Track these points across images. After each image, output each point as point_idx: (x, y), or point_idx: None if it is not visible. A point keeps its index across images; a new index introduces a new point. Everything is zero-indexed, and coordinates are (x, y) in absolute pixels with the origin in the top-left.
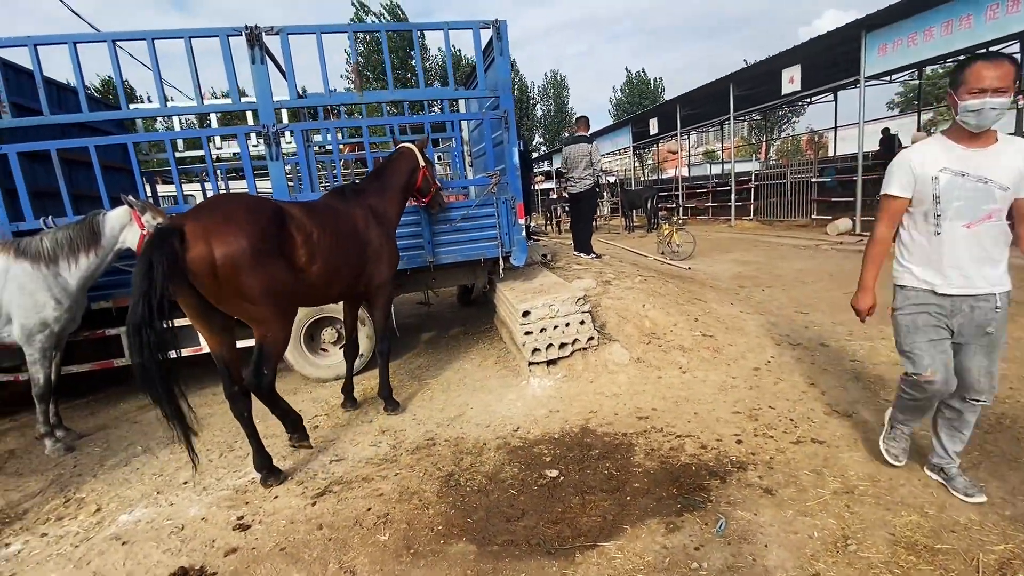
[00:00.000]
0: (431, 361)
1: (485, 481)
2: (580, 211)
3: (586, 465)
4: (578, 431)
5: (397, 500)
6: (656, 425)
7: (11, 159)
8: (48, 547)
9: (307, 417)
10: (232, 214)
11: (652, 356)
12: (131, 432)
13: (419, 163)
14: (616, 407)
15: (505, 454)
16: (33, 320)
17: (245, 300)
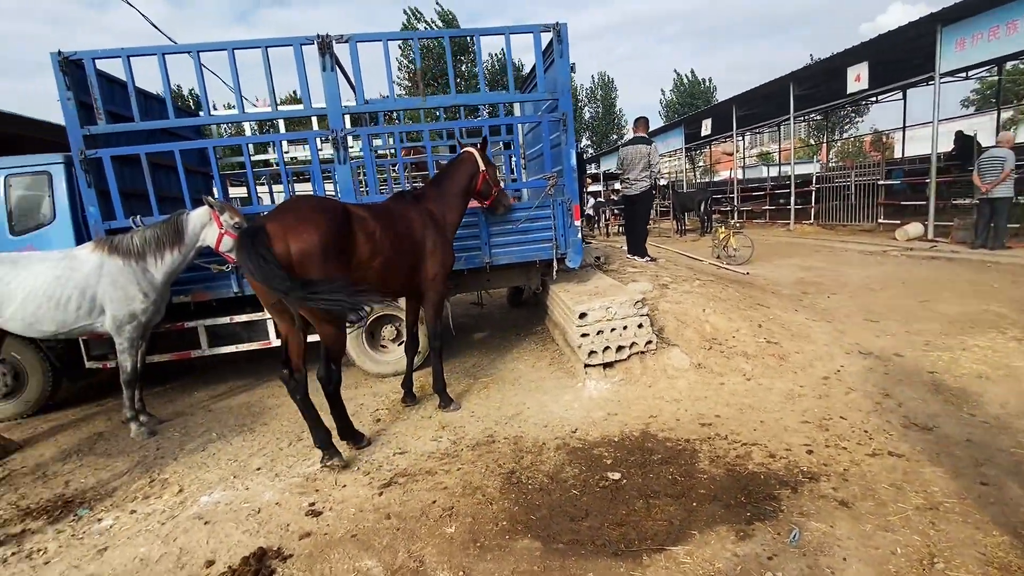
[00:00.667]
0: (485, 360)
1: (546, 480)
2: (636, 213)
3: (649, 469)
4: (638, 435)
5: (461, 494)
6: (720, 432)
7: (105, 162)
8: (137, 523)
9: (369, 410)
10: (306, 214)
11: (714, 362)
12: (206, 419)
13: (479, 167)
14: (677, 413)
15: (565, 454)
16: (123, 311)
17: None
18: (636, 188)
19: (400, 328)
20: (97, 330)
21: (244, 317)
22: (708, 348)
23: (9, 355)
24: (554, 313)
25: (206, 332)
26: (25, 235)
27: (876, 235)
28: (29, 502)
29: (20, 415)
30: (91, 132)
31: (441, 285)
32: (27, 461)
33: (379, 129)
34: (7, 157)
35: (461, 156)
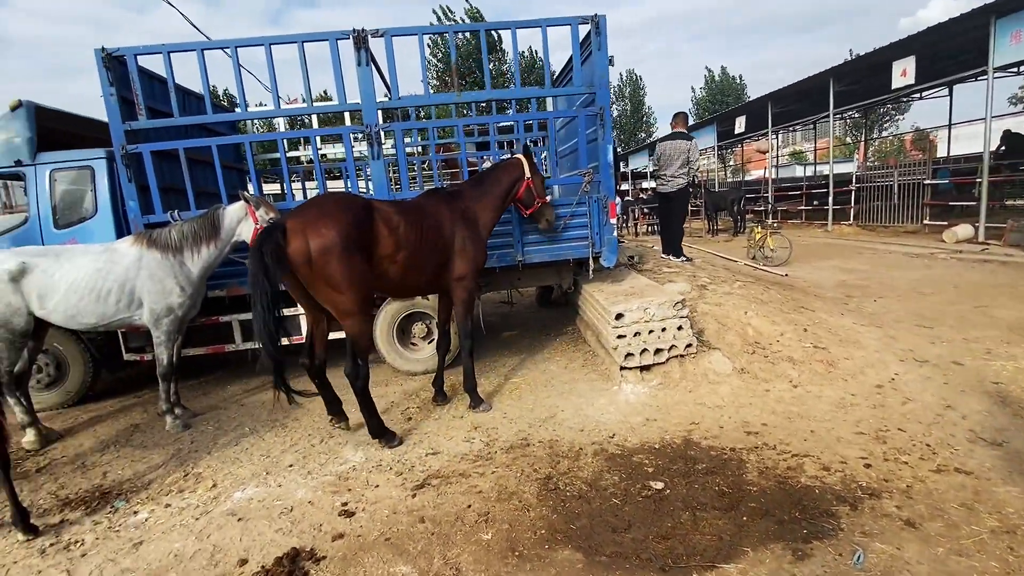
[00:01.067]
0: (516, 361)
1: (585, 487)
2: (672, 212)
3: (693, 479)
4: (680, 443)
5: (496, 499)
6: (768, 442)
7: (145, 157)
8: (172, 517)
9: (400, 408)
10: (326, 211)
11: (757, 367)
12: (239, 413)
13: (524, 174)
14: (720, 420)
15: (603, 461)
16: (161, 305)
17: (332, 288)
18: (673, 185)
19: (430, 326)
20: (135, 323)
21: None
22: (751, 352)
23: (52, 346)
24: (587, 313)
25: (240, 327)
26: (68, 228)
27: (921, 237)
28: (68, 492)
29: (61, 405)
30: (132, 127)
31: (471, 283)
32: (67, 451)
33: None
34: (53, 152)
35: (508, 161)
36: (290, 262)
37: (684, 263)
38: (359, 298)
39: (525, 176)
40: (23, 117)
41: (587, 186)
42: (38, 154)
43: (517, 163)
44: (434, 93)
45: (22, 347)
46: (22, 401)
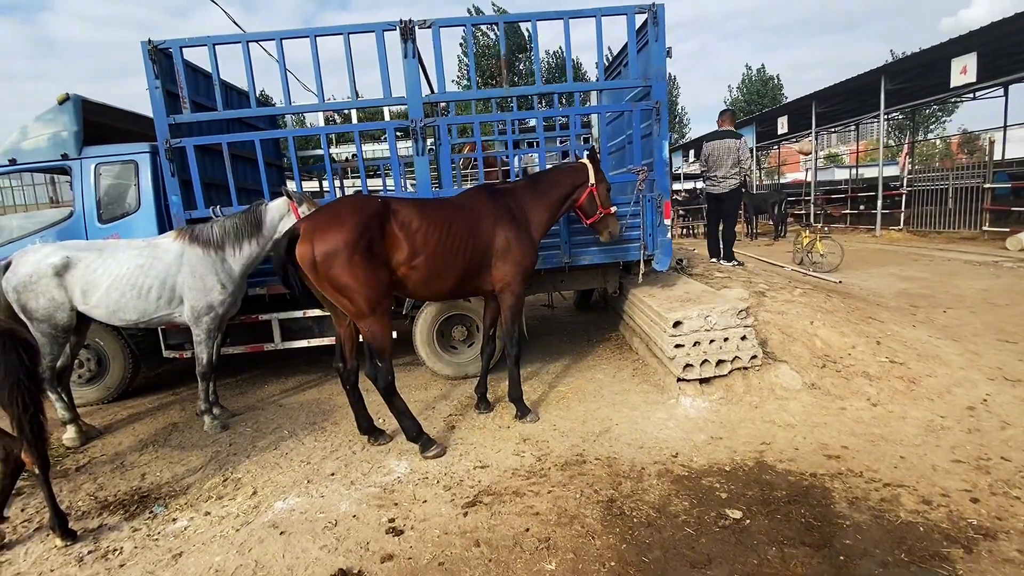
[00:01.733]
0: (559, 367)
1: (653, 513)
2: (723, 214)
3: (774, 509)
4: (753, 465)
5: (556, 523)
6: (852, 467)
7: (188, 151)
8: (211, 527)
9: (442, 415)
10: (336, 214)
11: (830, 383)
12: (277, 415)
13: (588, 180)
14: (794, 440)
15: (669, 483)
16: (202, 302)
17: (340, 292)
18: (725, 186)
19: (472, 329)
20: (176, 320)
21: (316, 312)
22: (821, 366)
23: (93, 341)
24: (635, 319)
25: (279, 326)
26: (112, 223)
27: (980, 243)
28: (107, 494)
29: (100, 400)
30: (176, 121)
31: (518, 287)
32: (106, 449)
33: (459, 119)
34: (98, 146)
35: (571, 163)
36: (300, 266)
37: (736, 267)
38: (369, 301)
39: (589, 182)
40: (71, 111)
41: (642, 184)
42: (84, 148)
43: (581, 167)
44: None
45: (64, 342)
46: (63, 397)
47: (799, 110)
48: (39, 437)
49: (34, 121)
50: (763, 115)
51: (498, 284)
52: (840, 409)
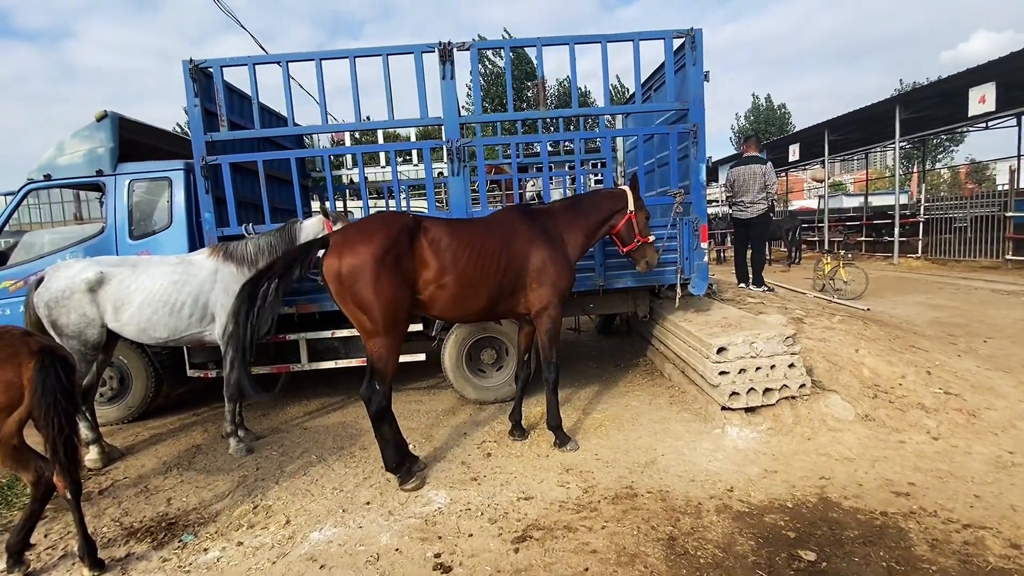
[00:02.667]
0: (591, 393)
1: (720, 553)
2: (753, 238)
3: (849, 550)
4: (816, 502)
5: (616, 561)
6: (924, 506)
7: (224, 169)
8: (245, 559)
9: (476, 442)
10: (365, 230)
11: (884, 414)
12: (303, 438)
13: (627, 207)
14: (856, 476)
15: (730, 520)
16: None
17: (358, 307)
18: (753, 211)
19: (501, 352)
20: (206, 339)
21: (344, 332)
22: (873, 396)
23: (116, 358)
24: (670, 345)
25: (307, 345)
26: (143, 240)
27: (1003, 272)
28: (132, 520)
29: (121, 420)
30: (213, 138)
31: (555, 309)
32: (129, 471)
33: (495, 140)
34: (132, 163)
35: (611, 189)
36: (324, 277)
37: (766, 293)
38: (386, 320)
39: (628, 209)
40: (108, 128)
41: (679, 207)
42: (119, 164)
43: (621, 194)
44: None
45: (93, 360)
46: (87, 416)
47: (811, 138)
48: (72, 460)
49: (71, 137)
50: (775, 142)
51: (535, 307)
52: (899, 443)
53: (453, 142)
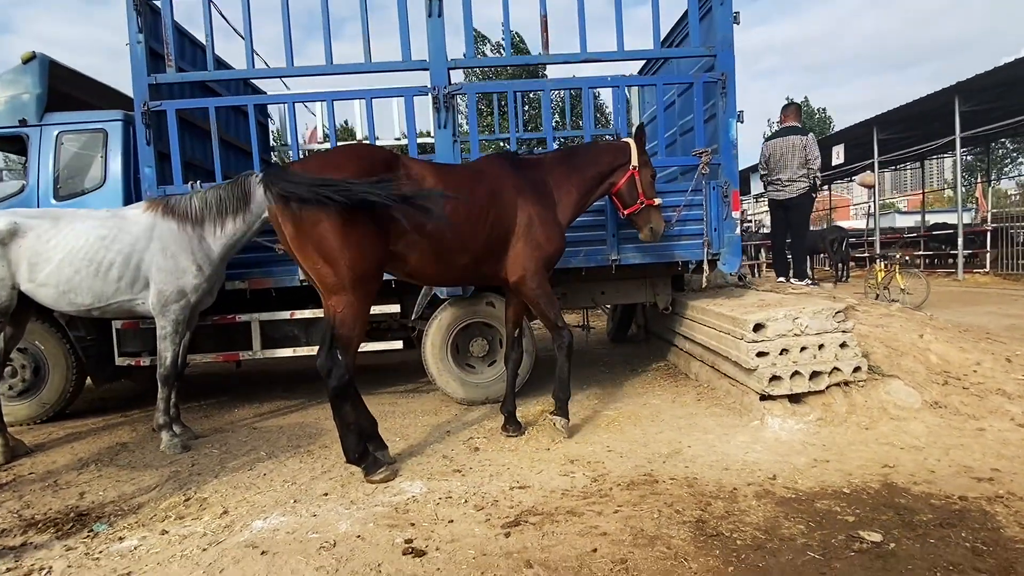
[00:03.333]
0: (601, 393)
1: (760, 535)
2: (791, 223)
3: (923, 533)
4: (879, 487)
5: (632, 543)
6: (1013, 491)
7: (169, 116)
8: (170, 546)
9: (462, 439)
10: (335, 160)
11: (957, 401)
12: (252, 437)
13: (628, 162)
14: (926, 463)
15: (773, 505)
16: (171, 287)
17: (320, 255)
18: (792, 190)
19: (494, 343)
20: (137, 309)
21: (307, 313)
22: (943, 383)
23: (32, 344)
24: (696, 336)
25: (260, 329)
26: (70, 200)
27: None
28: (34, 511)
29: (34, 418)
30: (158, 80)
31: (534, 278)
32: (36, 467)
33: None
34: (62, 113)
35: (612, 142)
36: (278, 216)
37: (810, 287)
38: (354, 273)
39: (631, 164)
40: (35, 72)
41: (705, 168)
42: (46, 114)
43: (623, 147)
44: None
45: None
46: None
47: (857, 138)
48: None
49: None
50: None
51: (514, 274)
52: (978, 430)
53: (440, 89)
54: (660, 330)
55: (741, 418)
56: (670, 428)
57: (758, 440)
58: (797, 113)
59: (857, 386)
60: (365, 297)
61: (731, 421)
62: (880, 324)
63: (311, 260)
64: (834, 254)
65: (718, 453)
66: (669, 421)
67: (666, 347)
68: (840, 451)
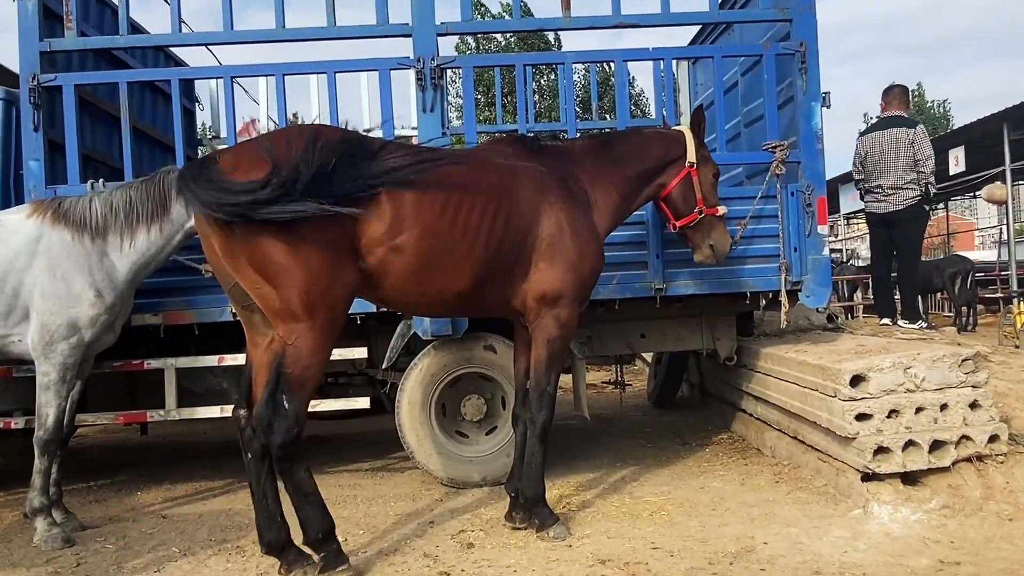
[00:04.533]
0: (642, 473)
1: None
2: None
3: None
4: None
5: None
6: None
7: (66, 94)
8: None
9: (450, 532)
10: (277, 144)
11: None
12: (160, 528)
13: (683, 156)
14: None
15: None
16: (60, 319)
17: (264, 275)
18: (897, 201)
19: (495, 403)
20: (11, 348)
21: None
22: None
23: None
24: (771, 395)
25: (177, 380)
26: None
27: None
28: None
29: None
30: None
31: (566, 307)
32: None
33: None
34: None
35: (663, 130)
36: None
37: (924, 330)
38: (308, 295)
39: (687, 161)
40: None
41: (779, 166)
42: None
43: (676, 137)
44: None
45: None
46: None
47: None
48: None
49: None
50: None
51: (535, 298)
52: None
53: (426, 61)
54: (721, 389)
55: (836, 506)
56: (738, 519)
57: (860, 535)
58: (903, 99)
59: (995, 461)
60: (327, 326)
61: (822, 510)
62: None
63: (249, 280)
64: (956, 293)
65: (806, 553)
66: (736, 510)
67: (730, 412)
68: (975, 551)
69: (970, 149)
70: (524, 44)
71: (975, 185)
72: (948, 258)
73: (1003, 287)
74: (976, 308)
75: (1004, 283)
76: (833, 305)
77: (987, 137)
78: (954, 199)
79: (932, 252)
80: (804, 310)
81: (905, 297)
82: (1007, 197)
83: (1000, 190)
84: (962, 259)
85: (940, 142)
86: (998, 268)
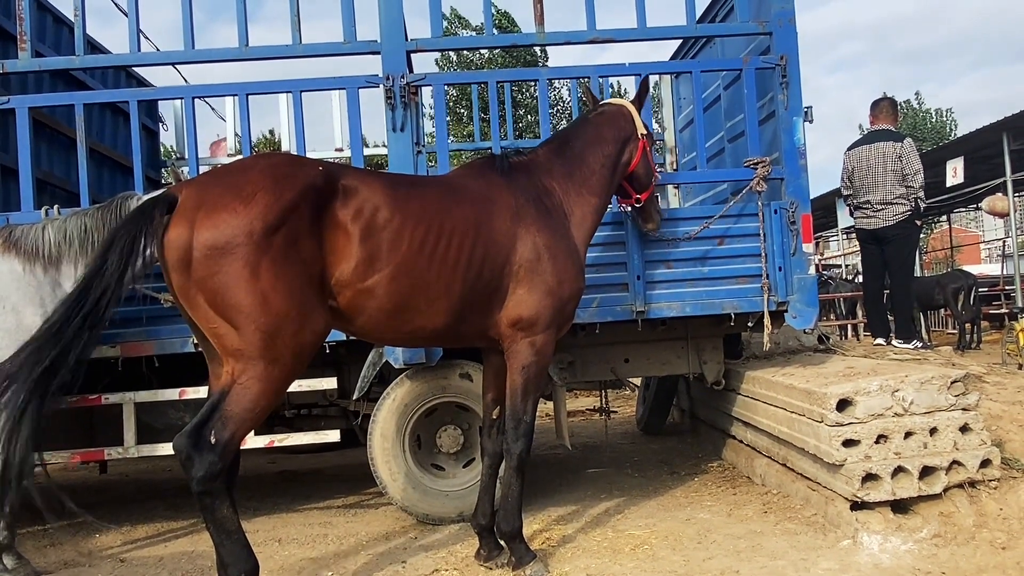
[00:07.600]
0: (625, 504)
1: None
2: (889, 263)
3: None
4: None
5: None
6: None
7: (19, 118)
8: None
9: (424, 570)
10: (239, 185)
11: None
12: (117, 573)
13: (636, 131)
14: None
15: None
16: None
17: (223, 314)
18: (886, 216)
19: (472, 435)
20: None
21: (203, 391)
22: None
23: None
24: (759, 420)
25: (136, 415)
26: None
27: None
28: None
29: None
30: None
31: (543, 332)
32: None
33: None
34: None
35: (606, 109)
36: (162, 259)
37: (923, 350)
38: (268, 336)
39: (639, 133)
40: None
41: (760, 183)
42: None
43: (623, 113)
44: None
45: None
46: None
47: (980, 148)
48: None
49: None
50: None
51: (508, 324)
52: None
53: (395, 79)
54: (711, 415)
55: (825, 536)
56: (723, 552)
57: (849, 567)
58: (892, 112)
59: (987, 487)
60: (288, 374)
61: (811, 541)
62: (1019, 400)
63: (207, 321)
64: (959, 309)
65: None
66: (722, 543)
67: (720, 439)
68: None
69: (969, 160)
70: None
71: (975, 197)
72: (950, 273)
73: (1007, 302)
74: (980, 325)
75: (1009, 298)
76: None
77: (987, 147)
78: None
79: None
80: (794, 331)
81: (898, 315)
82: (1008, 209)
83: (1002, 202)
84: (965, 274)
85: (938, 153)
86: (1002, 282)
